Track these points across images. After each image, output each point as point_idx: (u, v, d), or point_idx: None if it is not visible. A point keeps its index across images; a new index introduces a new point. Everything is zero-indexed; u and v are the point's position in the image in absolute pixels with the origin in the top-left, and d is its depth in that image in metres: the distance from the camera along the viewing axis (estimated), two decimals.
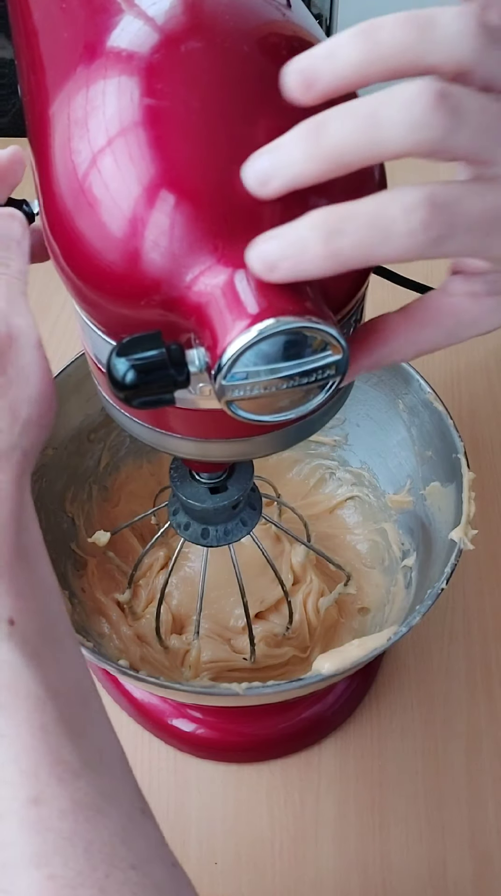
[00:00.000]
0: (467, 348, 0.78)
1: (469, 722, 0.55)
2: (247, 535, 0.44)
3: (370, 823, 0.51)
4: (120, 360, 0.23)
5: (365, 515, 0.58)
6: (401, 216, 0.22)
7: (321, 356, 0.24)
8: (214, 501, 0.41)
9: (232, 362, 0.23)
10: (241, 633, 0.53)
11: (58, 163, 0.26)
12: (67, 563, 0.52)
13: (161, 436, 0.31)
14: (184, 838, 0.50)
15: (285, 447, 0.32)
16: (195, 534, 0.44)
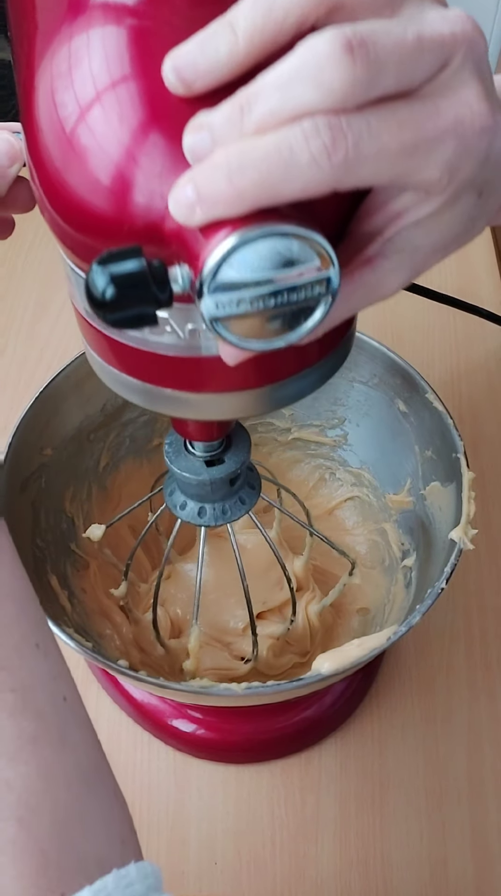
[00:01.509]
0: (467, 348, 0.78)
1: (470, 721, 0.55)
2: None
3: (370, 822, 0.51)
4: (98, 273, 0.22)
5: (365, 515, 0.58)
6: (301, 144, 0.21)
7: (311, 270, 0.23)
8: (210, 474, 0.40)
9: (215, 270, 0.22)
10: (241, 636, 0.53)
11: (40, 105, 0.26)
12: (66, 562, 0.52)
13: (153, 392, 0.30)
14: (184, 838, 0.50)
15: (279, 405, 0.31)
16: (192, 513, 0.42)
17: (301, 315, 0.24)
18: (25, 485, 0.49)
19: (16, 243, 0.88)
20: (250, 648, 0.49)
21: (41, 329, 0.79)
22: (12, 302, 0.82)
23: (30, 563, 0.46)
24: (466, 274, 0.85)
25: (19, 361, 0.77)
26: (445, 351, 0.77)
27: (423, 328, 0.79)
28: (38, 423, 0.49)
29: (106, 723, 0.55)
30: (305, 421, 0.59)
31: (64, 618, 0.46)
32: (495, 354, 0.77)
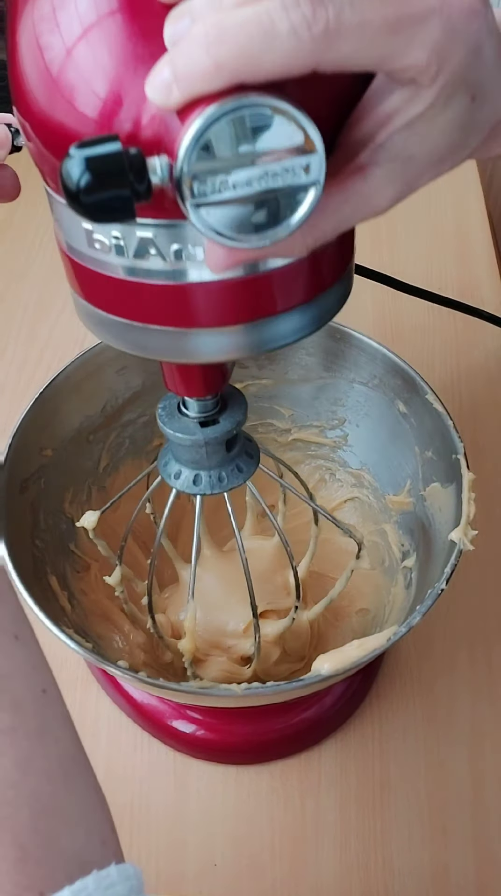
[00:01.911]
0: (467, 350, 0.78)
1: (472, 722, 0.55)
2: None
3: (371, 825, 0.51)
4: (74, 156, 0.22)
5: (365, 516, 0.58)
6: (281, 14, 0.21)
7: (293, 150, 0.23)
8: (205, 434, 0.38)
9: (192, 146, 0.22)
10: (241, 637, 0.52)
11: (19, 17, 0.26)
12: (65, 563, 0.52)
13: (140, 333, 0.30)
14: (183, 839, 0.50)
15: (270, 345, 0.30)
16: (187, 481, 0.40)
17: (287, 208, 0.24)
18: (25, 486, 0.49)
19: (16, 245, 0.88)
20: (251, 648, 0.49)
21: (41, 330, 0.79)
22: (12, 303, 0.82)
23: (29, 563, 0.46)
24: (466, 275, 0.85)
25: (19, 362, 0.77)
26: (445, 352, 0.77)
27: (423, 329, 0.79)
28: (38, 424, 0.49)
29: (106, 723, 0.55)
30: (305, 422, 0.59)
31: (64, 618, 0.46)
32: (495, 356, 0.77)
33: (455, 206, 0.92)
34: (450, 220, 0.91)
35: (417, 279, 0.85)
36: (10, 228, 0.90)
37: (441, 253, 0.87)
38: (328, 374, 0.55)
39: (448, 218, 0.91)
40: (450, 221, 0.91)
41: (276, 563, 0.53)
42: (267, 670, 0.51)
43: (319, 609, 0.52)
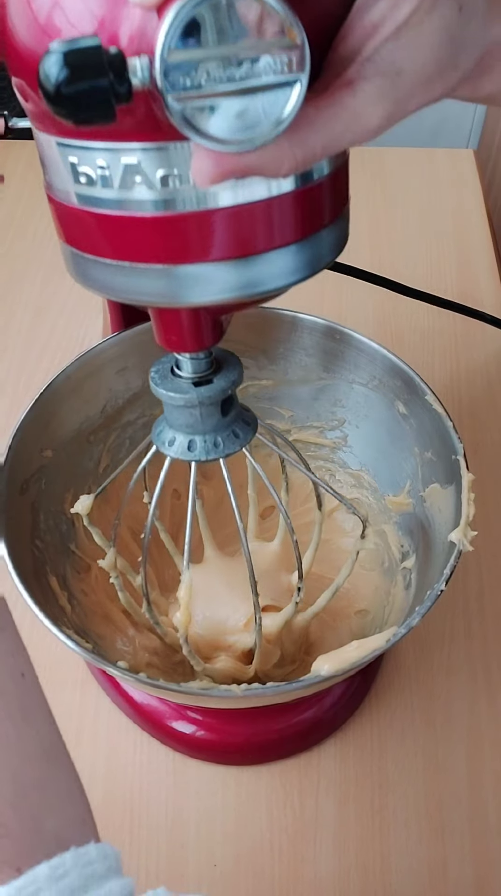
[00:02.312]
0: (467, 351, 0.78)
1: (470, 723, 0.55)
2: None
3: (369, 825, 0.51)
4: (53, 53, 0.22)
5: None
6: None
7: (274, 42, 0.22)
8: (198, 393, 0.37)
9: (171, 38, 0.22)
10: (242, 632, 0.52)
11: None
12: (66, 564, 0.52)
13: (129, 276, 0.29)
14: (183, 840, 0.50)
15: (263, 286, 0.30)
16: (181, 447, 0.39)
17: (273, 105, 0.23)
18: (25, 486, 0.49)
19: (15, 246, 0.88)
20: (252, 640, 0.48)
21: (41, 331, 0.79)
22: (12, 303, 0.82)
23: (29, 564, 0.46)
24: (466, 276, 0.85)
25: (19, 363, 0.77)
26: (445, 353, 0.78)
27: (423, 330, 0.79)
28: (38, 425, 0.49)
29: (106, 724, 0.55)
30: (304, 422, 0.59)
31: (63, 619, 0.46)
32: (495, 357, 0.77)
33: (455, 208, 0.92)
34: (450, 221, 0.91)
35: (417, 281, 0.85)
36: (10, 228, 0.90)
37: (441, 254, 0.87)
38: (327, 374, 0.55)
39: (448, 219, 0.91)
40: (450, 223, 0.91)
41: (278, 565, 0.53)
42: (268, 673, 0.52)
43: (326, 597, 0.51)
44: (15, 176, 0.95)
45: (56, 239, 0.33)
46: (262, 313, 0.53)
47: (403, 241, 0.89)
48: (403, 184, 0.95)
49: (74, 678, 0.57)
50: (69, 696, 0.56)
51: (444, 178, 0.96)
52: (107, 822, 0.51)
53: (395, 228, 0.90)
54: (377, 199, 0.93)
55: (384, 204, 0.93)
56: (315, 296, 0.81)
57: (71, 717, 0.55)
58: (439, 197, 0.94)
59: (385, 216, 0.92)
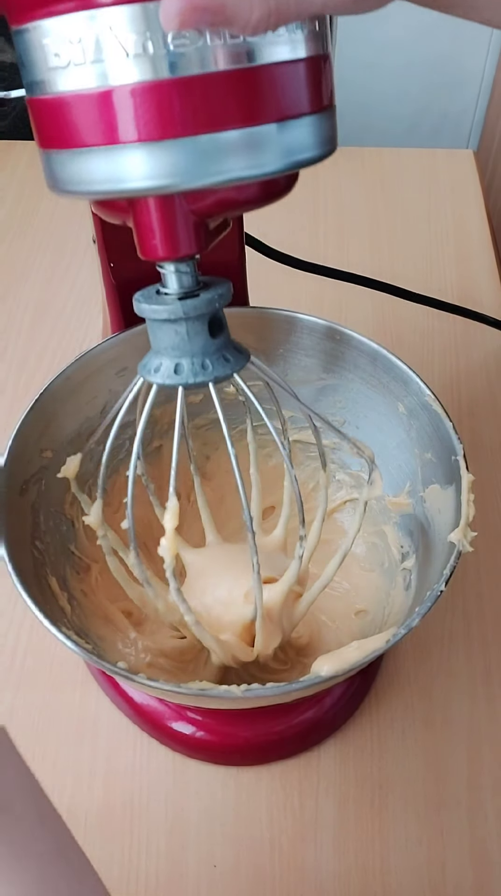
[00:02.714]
0: (466, 351, 0.78)
1: (470, 724, 0.55)
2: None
3: (369, 826, 0.51)
4: None
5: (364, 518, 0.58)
6: None
7: None
8: (184, 307, 0.36)
9: None
10: (242, 605, 0.48)
11: None
12: (66, 565, 0.52)
13: (111, 159, 0.29)
14: (183, 841, 0.50)
15: (224, 173, 0.30)
16: (167, 371, 0.37)
17: None
18: (25, 487, 0.49)
19: (16, 245, 0.88)
20: (253, 614, 0.46)
21: (41, 332, 0.79)
22: (12, 304, 0.82)
23: (29, 565, 0.46)
24: (466, 276, 0.85)
25: (19, 364, 0.77)
26: (445, 353, 0.78)
27: (423, 330, 0.79)
28: (38, 426, 0.49)
29: (105, 725, 0.55)
30: (304, 423, 0.59)
31: (63, 620, 0.46)
32: (495, 357, 0.77)
33: (455, 208, 0.92)
34: (450, 221, 0.91)
35: (416, 280, 0.85)
36: (10, 229, 0.90)
37: (441, 254, 0.87)
38: (327, 375, 0.55)
39: (447, 219, 0.91)
40: (450, 223, 0.91)
41: (281, 548, 0.52)
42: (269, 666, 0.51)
43: (334, 565, 0.49)
44: (15, 177, 0.95)
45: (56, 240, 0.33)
46: (261, 314, 0.53)
47: (403, 241, 0.89)
48: (403, 184, 0.96)
49: (74, 679, 0.57)
50: (69, 697, 0.56)
51: (444, 179, 0.96)
52: (107, 822, 0.51)
53: (395, 228, 0.90)
54: (377, 199, 0.94)
55: (383, 204, 0.93)
56: (315, 296, 0.82)
57: (71, 718, 0.55)
58: (439, 197, 0.94)
59: (385, 216, 0.92)
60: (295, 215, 0.92)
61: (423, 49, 1.34)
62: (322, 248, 0.88)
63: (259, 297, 0.58)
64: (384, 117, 1.44)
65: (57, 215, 0.91)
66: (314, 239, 0.89)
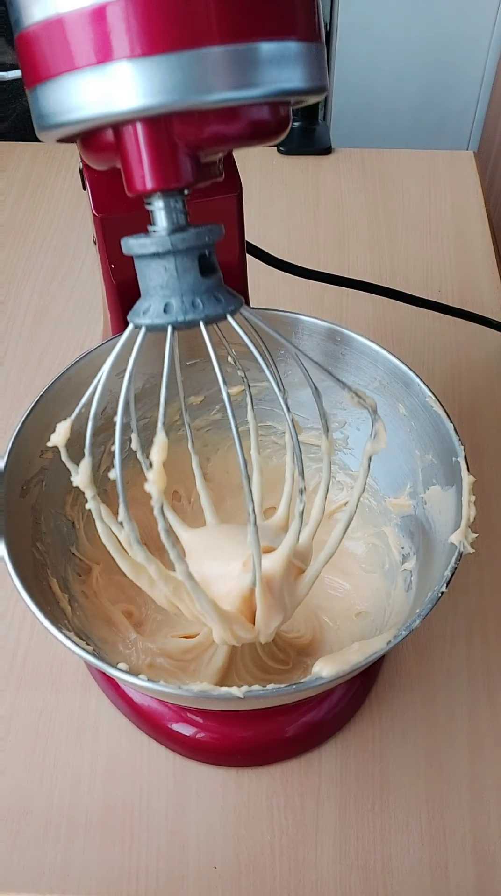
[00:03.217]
0: (467, 352, 0.78)
1: (471, 725, 0.55)
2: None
3: (371, 827, 0.51)
4: None
5: (365, 519, 0.58)
6: None
7: None
8: (173, 240, 0.34)
9: None
10: (240, 573, 0.45)
11: None
12: (67, 566, 0.52)
13: (103, 78, 0.30)
14: (183, 843, 0.50)
15: (204, 93, 0.30)
16: (157, 311, 0.35)
17: None
18: (26, 488, 0.49)
19: (16, 249, 0.88)
20: (252, 583, 0.43)
21: (41, 333, 0.79)
22: (13, 306, 0.82)
23: (30, 566, 0.46)
24: (467, 277, 0.85)
25: (19, 365, 0.77)
26: (445, 354, 0.78)
27: (423, 331, 0.79)
28: (39, 427, 0.49)
29: (106, 726, 0.55)
30: (305, 424, 0.59)
31: (64, 621, 0.46)
32: (495, 358, 0.77)
33: (455, 208, 0.92)
34: (450, 221, 0.91)
35: (417, 282, 0.85)
36: (10, 231, 0.90)
37: (441, 256, 0.87)
38: (328, 376, 0.55)
39: (448, 219, 0.91)
40: (450, 223, 0.91)
41: (282, 526, 0.50)
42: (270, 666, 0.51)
43: (338, 534, 0.45)
44: (16, 179, 0.96)
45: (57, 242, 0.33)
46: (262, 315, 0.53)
47: (403, 242, 0.89)
48: (403, 185, 0.96)
49: (74, 681, 0.57)
50: (69, 699, 0.56)
51: (444, 180, 0.96)
52: (107, 824, 0.51)
53: (395, 230, 0.90)
54: (378, 201, 0.94)
55: (384, 205, 0.93)
56: (315, 298, 0.82)
57: (71, 720, 0.55)
58: (439, 199, 0.94)
59: (385, 217, 0.92)
60: (296, 216, 0.92)
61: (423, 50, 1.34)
62: (322, 249, 0.88)
63: (260, 298, 0.58)
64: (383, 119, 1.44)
65: (58, 217, 0.91)
66: (314, 240, 0.89)
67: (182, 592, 0.44)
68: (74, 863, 0.50)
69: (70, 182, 0.95)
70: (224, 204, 0.48)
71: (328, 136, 1.00)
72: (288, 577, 0.45)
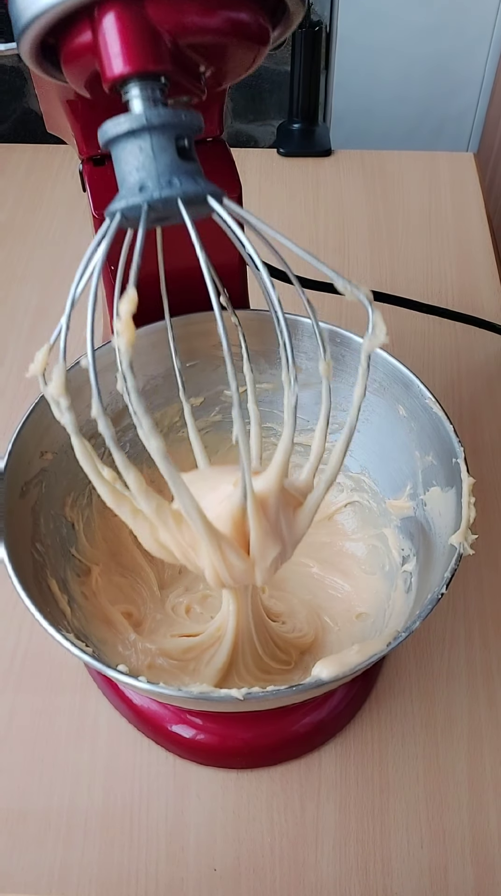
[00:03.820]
0: (467, 354, 0.78)
1: (470, 727, 0.55)
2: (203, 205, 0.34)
3: (370, 829, 0.51)
4: None
5: (365, 520, 0.58)
6: None
7: None
8: (148, 115, 0.33)
9: None
10: (232, 494, 0.41)
11: None
12: (66, 567, 0.52)
13: None
14: (183, 844, 0.50)
15: None
16: (132, 192, 0.34)
17: None
18: (26, 489, 0.49)
19: (17, 248, 0.88)
20: (242, 501, 0.38)
21: (41, 334, 0.79)
22: (13, 306, 0.82)
23: (29, 567, 0.46)
24: (467, 278, 0.85)
25: (19, 366, 0.77)
26: (445, 356, 0.78)
27: (423, 333, 0.79)
28: (39, 428, 0.49)
29: (105, 728, 0.55)
30: (304, 426, 0.59)
31: (64, 622, 0.46)
32: (495, 360, 0.77)
33: (455, 209, 0.92)
34: (450, 223, 0.91)
35: (417, 284, 0.85)
36: (10, 231, 0.90)
37: (442, 257, 0.87)
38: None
39: (448, 221, 0.91)
40: (450, 224, 0.91)
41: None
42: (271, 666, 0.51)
43: (340, 450, 0.42)
44: (15, 181, 0.96)
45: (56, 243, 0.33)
46: (262, 317, 0.53)
47: (403, 244, 0.89)
48: (403, 187, 0.96)
49: (74, 682, 0.57)
50: (69, 700, 0.56)
51: (444, 182, 0.96)
52: (107, 825, 0.51)
53: (395, 231, 0.90)
54: (378, 202, 0.94)
55: (384, 207, 0.93)
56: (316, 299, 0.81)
57: (71, 721, 0.55)
58: (439, 200, 0.94)
59: (385, 219, 0.92)
60: (296, 218, 0.92)
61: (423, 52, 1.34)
62: (322, 251, 0.88)
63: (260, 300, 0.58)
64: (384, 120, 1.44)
65: (57, 218, 0.91)
66: (314, 242, 0.89)
67: (166, 512, 0.39)
68: (73, 864, 0.50)
69: (70, 183, 0.95)
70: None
71: (328, 137, 1.00)
72: (285, 506, 0.41)
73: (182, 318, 0.51)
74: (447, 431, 0.47)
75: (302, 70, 0.92)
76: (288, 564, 0.58)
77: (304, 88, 0.94)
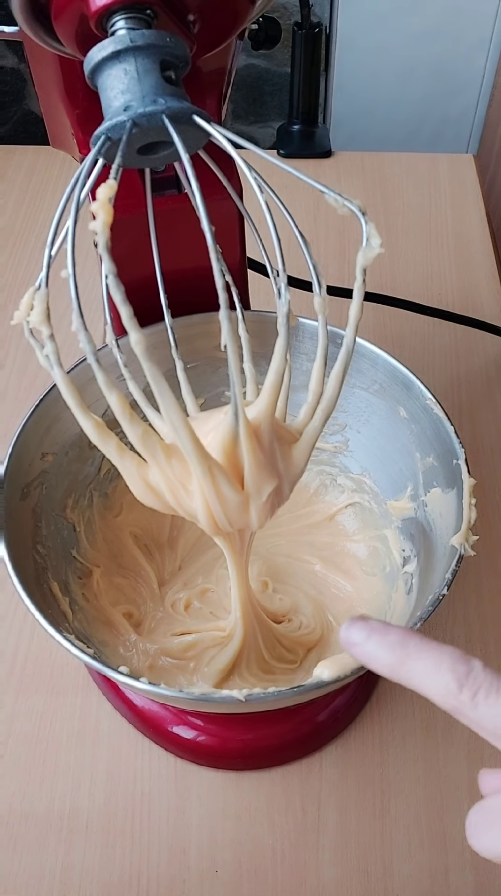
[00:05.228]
0: (467, 355, 0.78)
1: (470, 729, 0.54)
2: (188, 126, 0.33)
3: (371, 831, 0.51)
4: None
5: (366, 522, 0.58)
6: None
7: None
8: (131, 35, 0.32)
9: None
10: (222, 421, 0.38)
11: None
12: (68, 569, 0.52)
13: None
14: (184, 846, 0.50)
15: None
16: (117, 113, 0.33)
17: None
18: (26, 491, 0.49)
19: (17, 251, 0.88)
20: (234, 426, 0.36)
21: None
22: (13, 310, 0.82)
23: (30, 569, 0.46)
24: (466, 280, 0.85)
25: (20, 369, 0.77)
26: (445, 357, 0.78)
27: (423, 334, 0.79)
28: (39, 430, 0.49)
29: (106, 730, 0.55)
30: None
31: (65, 624, 0.46)
32: (495, 362, 0.77)
33: (455, 211, 0.93)
34: (450, 224, 0.91)
35: (417, 285, 0.85)
36: (11, 235, 0.90)
37: (441, 258, 0.87)
38: (328, 379, 0.55)
39: (447, 222, 0.91)
40: (450, 226, 0.91)
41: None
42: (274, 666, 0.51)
43: (338, 377, 0.38)
44: (16, 183, 0.96)
45: None
46: (262, 318, 0.53)
47: (403, 246, 0.89)
48: (403, 189, 0.96)
49: (75, 684, 0.57)
50: (70, 702, 0.56)
51: (444, 183, 0.96)
52: (108, 827, 0.51)
53: (395, 233, 0.90)
54: (377, 204, 0.94)
55: (384, 209, 0.93)
56: None
57: (72, 723, 0.55)
58: (439, 202, 0.94)
59: (385, 221, 0.92)
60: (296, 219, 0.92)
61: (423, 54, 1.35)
62: (322, 252, 0.88)
63: (261, 301, 0.58)
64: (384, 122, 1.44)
65: None
66: (314, 243, 0.89)
67: (154, 442, 0.36)
68: (74, 866, 0.50)
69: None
70: (225, 207, 0.48)
71: (328, 139, 1.00)
72: (281, 440, 0.38)
73: (183, 320, 0.51)
74: (448, 432, 0.47)
75: (302, 72, 0.92)
76: (292, 560, 0.58)
77: (304, 90, 0.94)
